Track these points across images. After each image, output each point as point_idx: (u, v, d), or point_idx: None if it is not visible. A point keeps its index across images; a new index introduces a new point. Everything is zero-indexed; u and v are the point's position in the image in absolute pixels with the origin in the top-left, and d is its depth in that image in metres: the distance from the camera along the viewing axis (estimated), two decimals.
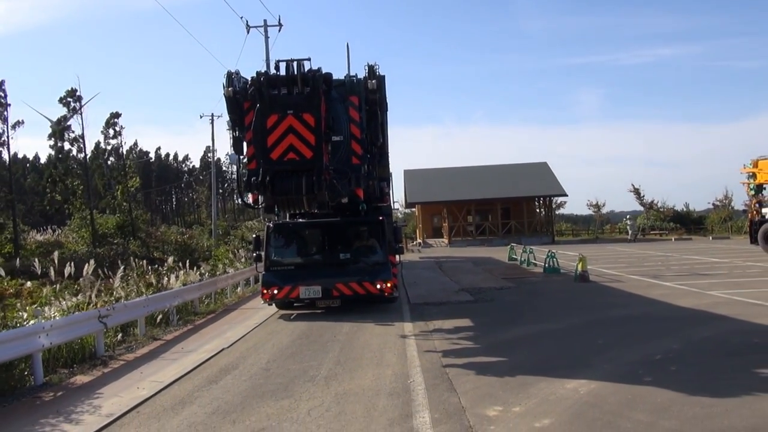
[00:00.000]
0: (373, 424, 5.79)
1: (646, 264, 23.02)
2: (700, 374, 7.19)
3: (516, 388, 6.82)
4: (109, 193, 37.60)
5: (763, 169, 25.00)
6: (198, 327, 12.79)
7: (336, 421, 5.93)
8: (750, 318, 10.57)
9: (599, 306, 13.15)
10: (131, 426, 6.13)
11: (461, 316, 12.51)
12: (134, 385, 7.79)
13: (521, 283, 18.17)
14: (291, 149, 9.88)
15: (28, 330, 8.07)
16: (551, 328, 10.88)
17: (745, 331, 9.61)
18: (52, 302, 10.61)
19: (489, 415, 5.91)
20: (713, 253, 26.81)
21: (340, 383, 7.40)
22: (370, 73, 11.27)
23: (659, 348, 8.64)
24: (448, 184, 46.35)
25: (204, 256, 28.92)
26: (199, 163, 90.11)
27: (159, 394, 7.27)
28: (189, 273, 16.54)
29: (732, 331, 9.69)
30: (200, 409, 6.58)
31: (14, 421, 6.58)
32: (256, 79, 10.00)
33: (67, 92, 32.24)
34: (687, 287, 15.24)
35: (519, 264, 25.17)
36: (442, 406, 6.29)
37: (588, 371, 7.42)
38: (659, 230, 49.00)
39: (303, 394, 6.97)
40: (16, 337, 7.72)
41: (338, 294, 12.93)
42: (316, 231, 14.45)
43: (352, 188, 11.26)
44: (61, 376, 8.47)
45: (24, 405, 7.21)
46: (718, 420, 5.46)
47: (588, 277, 17.87)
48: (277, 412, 6.32)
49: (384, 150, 14.99)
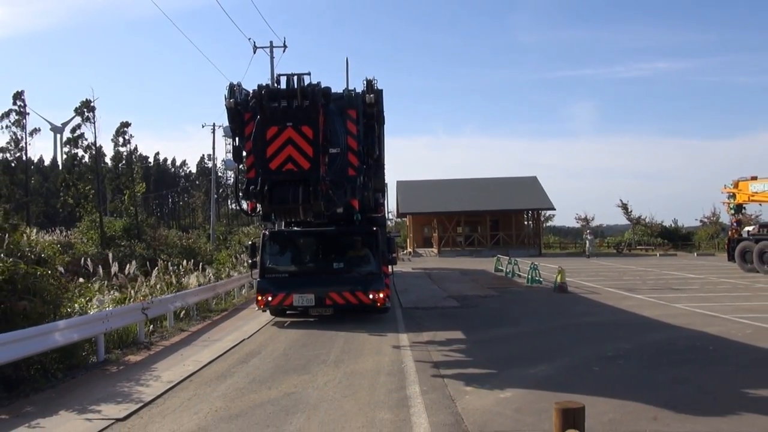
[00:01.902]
0: (376, 392, 7.52)
1: (625, 278, 24.69)
2: (639, 366, 8.93)
3: (489, 373, 8.56)
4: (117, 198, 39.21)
5: (743, 189, 26.50)
6: (216, 322, 14.43)
7: (347, 390, 7.66)
8: (700, 327, 12.15)
9: (572, 314, 14.87)
10: (189, 389, 7.85)
11: (448, 318, 14.21)
12: (180, 363, 9.50)
13: (504, 292, 19.87)
14: (289, 160, 10.10)
15: (96, 316, 9.88)
16: (525, 330, 12.61)
17: (691, 337, 11.29)
18: (97, 295, 12.27)
19: (465, 389, 7.64)
20: (692, 269, 28.30)
21: (347, 365, 9.11)
22: (368, 88, 11.47)
23: (613, 347, 10.35)
24: (439, 195, 48.16)
25: (207, 259, 30.48)
26: (196, 168, 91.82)
27: (203, 369, 8.99)
28: (201, 275, 18.21)
29: (680, 337, 11.38)
30: (240, 379, 8.30)
31: (96, 385, 8.26)
32: (258, 92, 10.24)
33: (82, 103, 34.23)
34: (655, 300, 16.94)
35: (504, 275, 26.84)
36: (428, 382, 8.01)
37: (549, 362, 9.16)
38: (646, 245, 49.99)
39: (318, 371, 8.68)
40: (88, 321, 9.54)
41: (331, 303, 13.19)
42: (311, 240, 14.78)
43: (348, 199, 11.57)
44: (117, 355, 10.16)
45: (96, 375, 8.89)
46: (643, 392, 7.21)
47: (566, 288, 19.58)
48: (300, 382, 8.04)
49: (380, 162, 15.09)
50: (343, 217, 13.71)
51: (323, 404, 7.03)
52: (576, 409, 3.36)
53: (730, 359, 9.28)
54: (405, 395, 7.39)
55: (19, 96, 37.40)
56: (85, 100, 34.36)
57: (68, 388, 8.19)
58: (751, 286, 20.13)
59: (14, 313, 8.81)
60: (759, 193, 25.46)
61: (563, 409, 3.36)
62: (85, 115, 34.99)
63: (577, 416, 3.33)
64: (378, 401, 7.15)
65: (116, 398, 7.54)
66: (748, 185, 25.96)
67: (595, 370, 8.73)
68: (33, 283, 9.34)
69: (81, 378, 8.79)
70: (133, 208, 36.37)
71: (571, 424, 3.26)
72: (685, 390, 7.51)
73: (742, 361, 9.19)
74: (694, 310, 14.55)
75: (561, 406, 3.39)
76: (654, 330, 12.23)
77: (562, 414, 3.34)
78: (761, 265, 23.98)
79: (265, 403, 7.14)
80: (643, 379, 8.12)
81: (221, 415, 6.71)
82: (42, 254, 10.63)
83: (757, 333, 11.20)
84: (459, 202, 46.83)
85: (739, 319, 12.84)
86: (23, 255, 10.27)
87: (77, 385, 8.40)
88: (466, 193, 47.90)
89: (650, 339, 11.21)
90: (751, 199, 26.65)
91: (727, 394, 7.32)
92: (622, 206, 56.61)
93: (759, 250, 24.17)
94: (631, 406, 6.77)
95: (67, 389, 8.15)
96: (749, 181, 26.06)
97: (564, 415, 3.33)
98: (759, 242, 24.41)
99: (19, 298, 8.90)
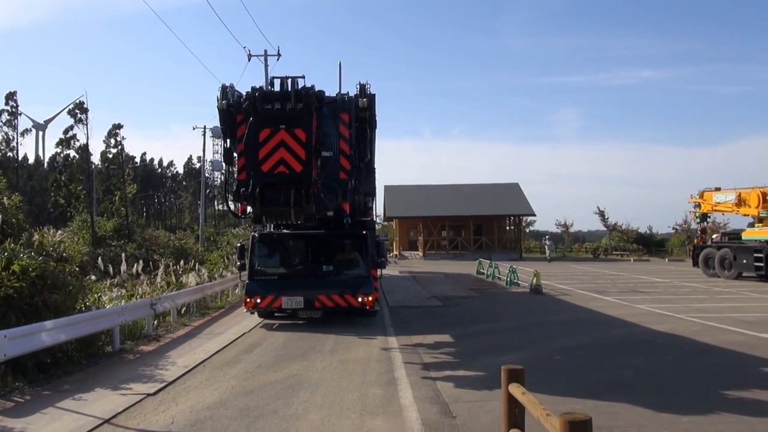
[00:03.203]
0: (368, 374, 8.79)
1: (597, 281, 26.24)
2: (594, 355, 10.30)
3: (465, 360, 9.87)
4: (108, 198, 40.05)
5: (707, 200, 28.15)
6: (215, 318, 15.59)
7: (343, 372, 8.92)
8: (655, 325, 13.58)
9: (543, 313, 16.26)
10: (204, 372, 9.05)
11: (431, 316, 15.52)
12: (190, 352, 10.68)
13: (484, 294, 21.27)
14: (281, 162, 10.15)
15: (113, 310, 11.04)
16: (500, 326, 13.94)
17: (645, 333, 12.71)
18: (107, 292, 13.39)
19: (444, 372, 8.95)
20: (661, 274, 30.02)
21: (341, 354, 10.37)
22: (361, 92, 11.57)
23: (575, 341, 11.72)
24: (426, 200, 49.69)
25: (198, 259, 31.48)
26: (183, 169, 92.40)
27: (213, 357, 10.19)
28: (197, 274, 19.35)
29: (635, 332, 12.78)
30: (247, 365, 9.52)
31: (119, 369, 9.42)
32: (251, 94, 10.24)
33: (75, 105, 35.04)
34: (621, 301, 18.40)
35: (485, 278, 28.29)
36: (413, 367, 9.30)
37: (518, 352, 10.49)
38: (621, 251, 52.23)
39: (316, 359, 9.92)
40: (108, 314, 10.71)
41: (320, 305, 13.29)
42: (301, 242, 14.79)
43: (339, 202, 11.62)
44: (130, 346, 11.30)
45: (116, 362, 10.05)
46: (592, 374, 8.55)
47: (541, 290, 21.01)
48: (300, 367, 9.28)
49: (371, 166, 14.86)
50: (333, 220, 13.69)
51: (323, 383, 8.29)
52: (518, 370, 4.63)
53: (672, 350, 10.68)
54: (393, 377, 8.65)
55: (11, 96, 38.19)
56: (78, 102, 35.24)
57: (95, 372, 9.34)
58: (710, 289, 21.74)
59: (46, 306, 9.94)
60: (721, 203, 27.19)
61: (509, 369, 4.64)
62: (78, 117, 35.79)
63: (519, 375, 4.60)
64: (370, 381, 8.43)
65: (142, 379, 8.72)
66: (712, 196, 27.68)
67: (557, 358, 10.08)
68: (60, 278, 10.48)
69: (103, 364, 9.94)
70: (124, 209, 37.25)
71: (514, 379, 4.54)
72: (627, 373, 8.88)
73: (681, 351, 10.59)
74: (653, 311, 16.00)
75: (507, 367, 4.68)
76: (614, 327, 13.62)
77: (508, 373, 4.62)
78: (722, 271, 25.73)
79: (274, 382, 8.37)
80: (595, 365, 9.50)
81: (237, 391, 7.93)
82: (64, 253, 11.74)
83: (702, 330, 12.64)
84: (444, 206, 48.47)
85: (691, 318, 14.30)
86: (48, 254, 11.40)
87: (102, 369, 9.55)
88: (451, 199, 49.53)
89: (609, 334, 12.60)
90: (714, 209, 28.40)
91: (661, 375, 8.73)
92: (600, 213, 58.68)
93: (720, 256, 25.94)
94: (579, 383, 8.13)
95: (95, 372, 9.31)
96: (713, 192, 27.77)
97: (509, 374, 4.60)
98: (720, 249, 26.18)
99: (50, 292, 10.04)
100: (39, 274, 9.95)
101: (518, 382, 4.51)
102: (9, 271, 9.61)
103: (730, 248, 25.47)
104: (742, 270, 24.61)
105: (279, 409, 7.06)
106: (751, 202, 24.53)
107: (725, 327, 12.93)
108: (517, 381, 4.51)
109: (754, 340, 11.40)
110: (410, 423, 6.51)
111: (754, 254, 23.49)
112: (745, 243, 24.84)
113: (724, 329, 12.68)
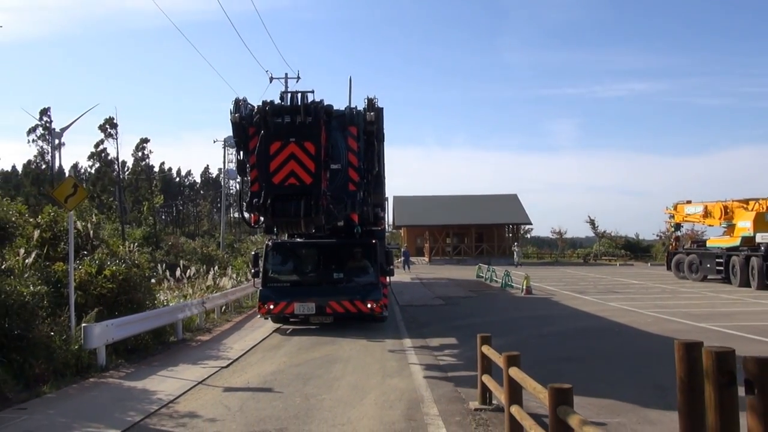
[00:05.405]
0: (385, 353, 11.59)
1: (581, 283, 28.94)
2: (560, 340, 13.05)
3: (459, 343, 12.64)
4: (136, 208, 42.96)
5: (680, 211, 31.05)
6: (250, 316, 18.32)
7: (366, 351, 11.72)
8: (618, 318, 16.19)
9: (529, 309, 18.98)
10: (258, 353, 11.82)
11: (435, 313, 18.28)
12: (241, 340, 13.47)
13: (481, 294, 24.09)
14: (292, 175, 10.40)
15: (178, 306, 13.86)
16: (491, 320, 16.66)
17: (607, 323, 15.37)
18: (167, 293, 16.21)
19: (443, 351, 11.74)
20: (639, 277, 32.73)
21: (363, 339, 13.09)
22: (369, 106, 11.94)
23: (549, 330, 14.45)
24: (431, 210, 53.48)
25: (223, 265, 34.21)
26: (200, 178, 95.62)
27: (260, 343, 12.97)
28: (232, 278, 22.18)
29: (599, 323, 15.48)
30: (290, 348, 12.30)
31: (190, 352, 12.18)
32: (262, 108, 10.51)
33: (105, 120, 38.05)
34: (596, 300, 21.09)
35: (484, 281, 31.08)
36: (420, 348, 12.07)
37: (502, 338, 13.00)
38: (610, 257, 55.66)
39: (343, 344, 12.66)
40: (175, 309, 13.55)
41: (331, 311, 13.81)
42: (312, 251, 15.33)
43: (348, 213, 11.98)
44: (189, 336, 14.02)
45: (183, 348, 12.77)
46: (555, 352, 11.27)
47: (531, 291, 23.75)
48: (332, 349, 12.05)
49: (380, 178, 15.06)
50: (344, 230, 14.15)
51: (352, 359, 11.06)
52: (486, 336, 7.37)
53: (624, 336, 13.43)
54: (404, 354, 11.43)
55: (45, 112, 41.15)
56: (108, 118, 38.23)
57: (172, 354, 12.09)
58: (676, 290, 24.58)
59: (129, 303, 12.73)
60: (690, 214, 30.14)
61: (482, 336, 7.38)
62: (108, 132, 38.73)
63: (487, 340, 7.33)
64: (387, 357, 11.25)
65: (212, 358, 11.48)
66: (684, 208, 30.58)
67: (532, 342, 12.79)
68: (137, 281, 13.26)
69: (174, 349, 12.69)
70: (152, 218, 40.09)
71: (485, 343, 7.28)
72: (581, 351, 11.63)
73: (630, 337, 13.35)
74: (621, 307, 18.73)
75: (481, 335, 7.43)
76: (583, 319, 16.36)
77: (481, 339, 7.37)
78: (690, 274, 28.78)
79: (315, 359, 11.14)
80: (558, 345, 12.29)
81: (288, 363, 10.70)
82: (136, 260, 14.49)
83: (655, 322, 15.33)
84: (448, 216, 52.31)
85: (650, 313, 17.02)
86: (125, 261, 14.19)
87: (176, 352, 12.29)
88: (455, 208, 53.28)
89: (578, 325, 15.34)
90: (685, 219, 31.31)
91: (604, 351, 11.54)
92: (590, 221, 62.14)
93: (689, 261, 29.05)
94: (544, 357, 10.87)
95: (172, 354, 12.06)
96: (685, 204, 30.66)
97: (482, 339, 7.35)
98: (689, 255, 29.31)
99: (133, 293, 12.84)
100: (124, 278, 12.76)
101: (488, 344, 7.25)
102: (102, 275, 12.43)
103: (697, 254, 28.58)
104: (707, 273, 27.52)
105: (323, 374, 9.82)
106: (715, 214, 27.51)
107: (673, 319, 15.68)
108: (487, 344, 7.25)
109: (690, 327, 14.12)
110: (418, 381, 9.28)
111: (716, 260, 26.38)
112: (709, 250, 27.80)
113: (671, 321, 15.44)
